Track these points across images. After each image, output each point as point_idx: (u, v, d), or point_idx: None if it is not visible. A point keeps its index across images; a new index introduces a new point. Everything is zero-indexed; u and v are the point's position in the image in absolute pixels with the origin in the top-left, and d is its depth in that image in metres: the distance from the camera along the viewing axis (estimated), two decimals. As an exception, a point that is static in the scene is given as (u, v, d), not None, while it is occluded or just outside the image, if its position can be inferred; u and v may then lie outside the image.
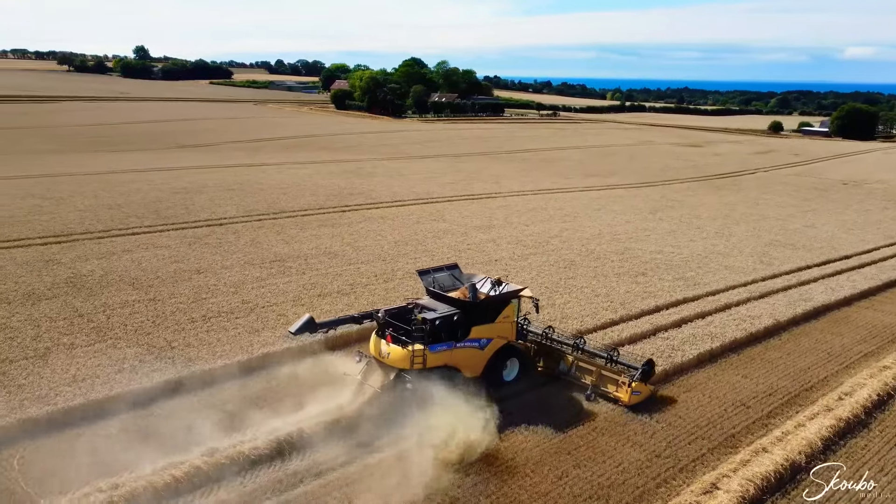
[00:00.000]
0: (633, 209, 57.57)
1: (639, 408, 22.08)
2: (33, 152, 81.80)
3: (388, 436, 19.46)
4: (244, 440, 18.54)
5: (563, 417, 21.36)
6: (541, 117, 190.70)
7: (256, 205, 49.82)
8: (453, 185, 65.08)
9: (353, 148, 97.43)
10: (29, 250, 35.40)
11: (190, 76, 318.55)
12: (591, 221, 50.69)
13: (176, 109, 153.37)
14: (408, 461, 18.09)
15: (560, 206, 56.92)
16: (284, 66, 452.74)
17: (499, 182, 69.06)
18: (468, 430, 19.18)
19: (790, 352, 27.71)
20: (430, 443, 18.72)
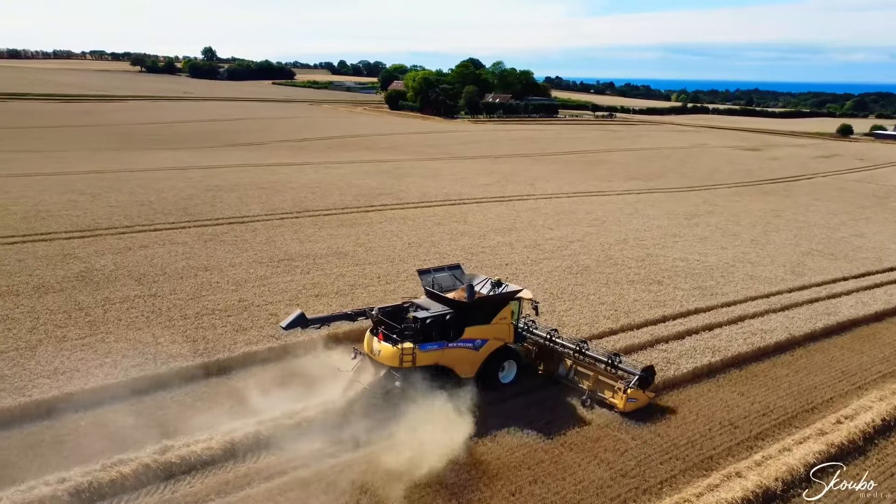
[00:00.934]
0: (668, 214, 55.72)
1: (615, 423, 21.12)
2: (90, 149, 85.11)
3: (349, 441, 19.25)
4: (199, 439, 18.55)
5: (537, 427, 20.59)
6: (595, 118, 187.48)
7: (282, 204, 50.38)
8: (486, 187, 64.41)
9: (397, 148, 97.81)
10: (52, 244, 36.65)
11: (254, 77, 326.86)
12: (619, 226, 49.24)
13: (233, 109, 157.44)
14: (355, 470, 17.79)
15: (591, 209, 55.56)
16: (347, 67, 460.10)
17: (534, 184, 68.00)
18: (434, 440, 18.85)
19: (799, 369, 26.08)
20: (391, 449, 18.54)
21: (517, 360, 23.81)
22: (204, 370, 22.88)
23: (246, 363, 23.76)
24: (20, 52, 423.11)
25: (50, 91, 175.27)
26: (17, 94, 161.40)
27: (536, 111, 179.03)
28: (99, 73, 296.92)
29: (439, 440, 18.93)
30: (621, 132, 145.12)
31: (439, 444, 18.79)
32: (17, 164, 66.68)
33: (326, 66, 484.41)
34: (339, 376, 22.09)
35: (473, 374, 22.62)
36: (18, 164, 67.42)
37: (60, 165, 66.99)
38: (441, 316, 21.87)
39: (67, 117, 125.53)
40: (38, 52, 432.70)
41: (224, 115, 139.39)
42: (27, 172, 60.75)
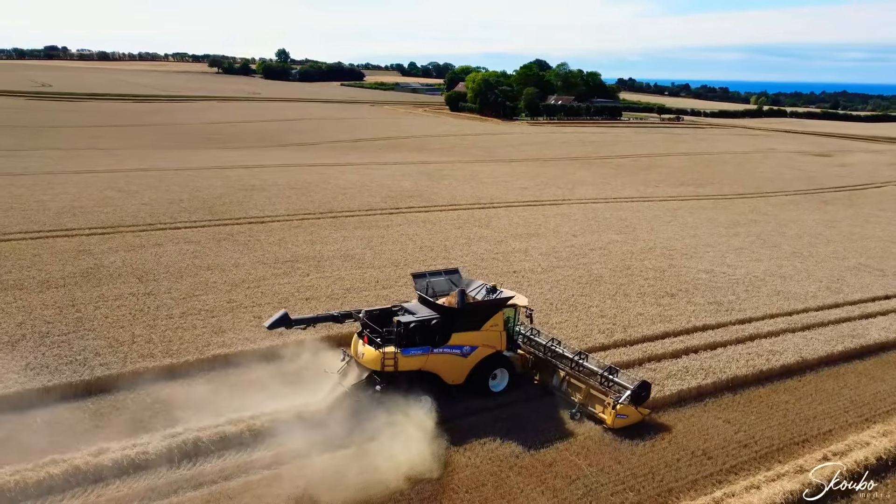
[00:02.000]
0: (709, 222, 53.10)
1: (576, 446, 19.84)
2: (147, 147, 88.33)
3: (299, 449, 18.74)
4: (139, 443, 18.43)
5: (494, 446, 19.60)
6: (661, 121, 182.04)
7: (309, 204, 50.62)
8: (523, 191, 63.09)
9: (446, 150, 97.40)
10: (72, 240, 37.80)
11: (324, 78, 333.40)
12: (649, 234, 47.15)
13: (295, 109, 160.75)
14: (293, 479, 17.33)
15: (626, 216, 53.52)
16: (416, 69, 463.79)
17: (574, 189, 66.18)
18: (389, 451, 18.45)
19: (803, 396, 24.00)
20: (340, 459, 18.28)
21: (510, 369, 23.08)
22: (168, 371, 22.85)
23: (215, 365, 23.61)
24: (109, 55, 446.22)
25: (127, 91, 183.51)
26: (96, 95, 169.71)
27: (599, 113, 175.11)
28: (178, 74, 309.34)
29: (394, 452, 18.44)
30: (684, 136, 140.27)
31: (391, 457, 18.28)
32: (73, 161, 69.74)
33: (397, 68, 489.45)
34: (325, 378, 21.94)
35: (462, 382, 22.13)
36: (75, 160, 70.51)
37: (113, 163, 69.66)
38: (426, 321, 21.44)
39: (137, 116, 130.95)
40: (125, 55, 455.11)
41: (285, 116, 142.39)
42: (79, 169, 63.36)
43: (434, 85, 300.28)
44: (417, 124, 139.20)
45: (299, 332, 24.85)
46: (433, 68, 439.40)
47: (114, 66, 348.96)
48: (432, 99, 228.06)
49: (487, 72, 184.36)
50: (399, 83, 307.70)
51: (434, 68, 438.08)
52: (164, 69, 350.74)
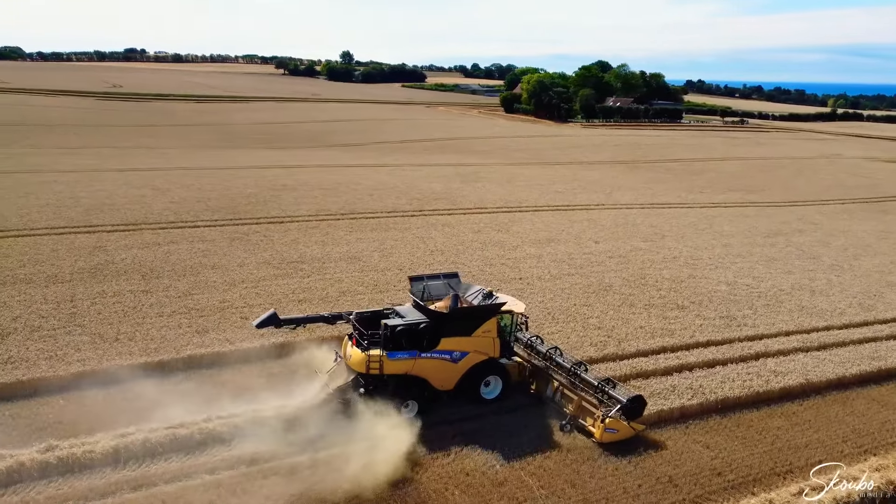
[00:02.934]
0: (747, 231, 50.63)
1: (534, 466, 18.87)
2: (196, 147, 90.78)
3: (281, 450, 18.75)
4: (88, 441, 18.52)
5: (448, 461, 18.96)
6: (724, 124, 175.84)
7: (333, 205, 50.77)
8: (556, 194, 61.71)
9: (490, 152, 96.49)
10: (92, 237, 38.89)
11: (386, 79, 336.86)
12: (678, 242, 45.23)
13: (349, 110, 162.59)
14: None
15: (659, 222, 51.57)
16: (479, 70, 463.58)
17: (612, 193, 64.32)
18: (352, 458, 18.16)
19: (800, 422, 22.29)
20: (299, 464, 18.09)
21: (503, 377, 22.54)
22: (143, 369, 22.97)
23: (191, 365, 23.67)
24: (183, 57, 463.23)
25: (190, 92, 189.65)
26: (162, 95, 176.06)
27: (658, 116, 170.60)
28: (245, 75, 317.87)
29: (347, 465, 18.06)
30: (745, 139, 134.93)
31: (338, 468, 17.94)
32: (121, 159, 72.20)
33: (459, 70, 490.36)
34: (310, 379, 21.97)
35: (452, 388, 21.82)
36: (124, 158, 72.99)
37: (159, 161, 71.81)
38: (414, 325, 21.21)
39: (195, 116, 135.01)
40: (197, 56, 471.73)
41: (337, 117, 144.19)
42: (124, 167, 65.48)
43: (494, 87, 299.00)
44: (467, 126, 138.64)
45: (284, 333, 25.02)
46: (496, 70, 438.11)
47: (185, 68, 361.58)
48: (490, 101, 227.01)
49: (543, 73, 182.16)
50: (459, 85, 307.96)
51: (497, 70, 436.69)
52: (233, 71, 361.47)
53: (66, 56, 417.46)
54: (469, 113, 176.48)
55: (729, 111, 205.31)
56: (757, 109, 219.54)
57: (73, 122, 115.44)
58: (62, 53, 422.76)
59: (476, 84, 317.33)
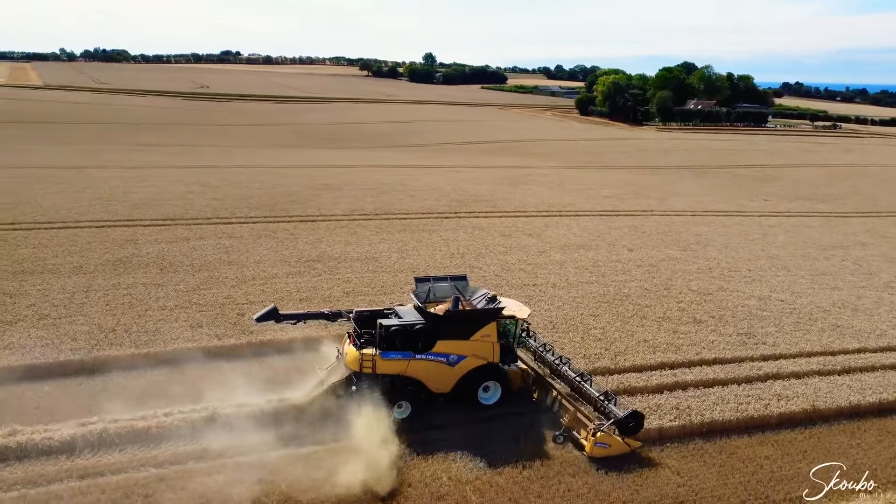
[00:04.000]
0: (803, 242, 47.53)
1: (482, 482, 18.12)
2: (264, 145, 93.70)
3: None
4: (51, 428, 19.11)
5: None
6: (814, 129, 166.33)
7: (369, 205, 51.06)
8: (604, 199, 59.91)
9: (551, 155, 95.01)
10: (128, 230, 40.54)
11: (467, 81, 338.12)
12: (718, 252, 42.88)
13: (421, 111, 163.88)
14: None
15: (706, 231, 49.13)
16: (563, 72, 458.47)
17: (665, 200, 61.87)
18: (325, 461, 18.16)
19: (794, 452, 20.47)
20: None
21: (503, 383, 22.14)
22: (129, 361, 23.62)
23: (175, 358, 24.03)
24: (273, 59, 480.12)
25: (272, 92, 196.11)
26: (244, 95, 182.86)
27: (741, 119, 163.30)
28: (329, 77, 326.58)
29: (293, 467, 18.05)
30: (832, 145, 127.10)
31: (275, 471, 17.90)
32: (186, 157, 75.36)
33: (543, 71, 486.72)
34: (313, 374, 22.22)
35: (448, 391, 21.65)
36: (189, 156, 76.16)
37: (220, 159, 74.50)
38: (409, 325, 21.20)
39: (271, 116, 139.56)
40: (287, 59, 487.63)
41: (408, 117, 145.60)
42: (183, 164, 68.37)
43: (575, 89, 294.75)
44: (535, 128, 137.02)
45: (273, 330, 25.21)
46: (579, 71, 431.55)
47: (273, 70, 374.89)
48: (567, 103, 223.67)
49: (620, 74, 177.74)
50: (538, 86, 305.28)
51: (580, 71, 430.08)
52: (319, 72, 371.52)
53: (166, 58, 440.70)
54: (541, 115, 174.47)
55: (822, 115, 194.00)
56: (857, 113, 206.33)
57: (155, 120, 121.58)
58: (162, 56, 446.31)
59: (557, 86, 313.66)
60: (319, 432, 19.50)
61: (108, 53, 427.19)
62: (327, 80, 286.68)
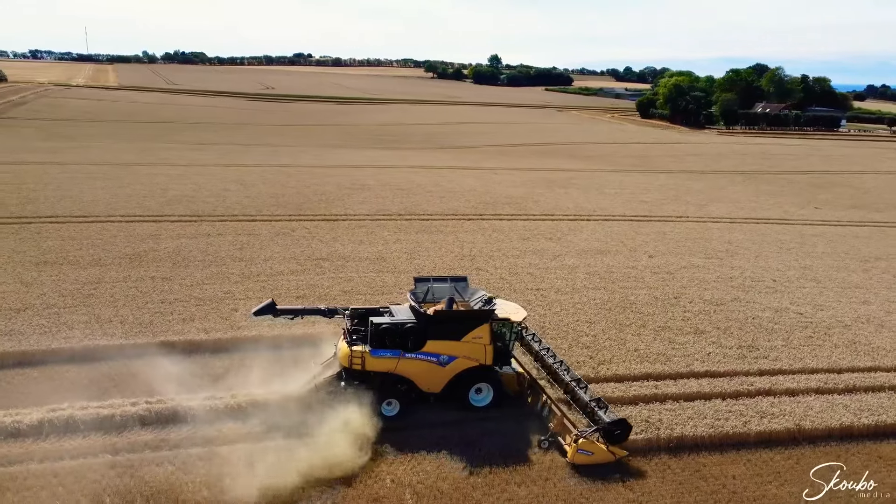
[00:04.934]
0: (844, 253, 45.05)
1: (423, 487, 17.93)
2: (314, 145, 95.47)
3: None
4: (22, 412, 19.99)
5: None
6: (892, 134, 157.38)
7: (396, 206, 51.37)
8: (641, 204, 58.41)
9: (597, 157, 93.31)
10: (153, 226, 42.06)
11: (531, 82, 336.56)
12: (745, 261, 41.13)
13: (477, 113, 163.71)
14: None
15: (739, 238, 47.24)
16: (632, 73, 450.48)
17: (706, 206, 59.81)
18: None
19: (767, 472, 19.43)
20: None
21: (496, 385, 22.02)
22: (117, 351, 24.46)
23: (162, 349, 24.74)
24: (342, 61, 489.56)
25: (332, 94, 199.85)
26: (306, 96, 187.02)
27: (811, 123, 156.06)
28: (394, 78, 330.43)
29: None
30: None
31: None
32: (234, 156, 77.56)
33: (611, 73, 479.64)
34: (309, 368, 22.71)
35: (439, 391, 21.73)
36: (239, 155, 78.36)
37: (266, 158, 76.35)
38: (399, 324, 21.41)
39: (326, 116, 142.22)
40: (355, 61, 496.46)
41: (462, 119, 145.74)
42: (229, 163, 70.37)
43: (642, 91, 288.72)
44: (591, 130, 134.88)
45: (256, 325, 25.72)
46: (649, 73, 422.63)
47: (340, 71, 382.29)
48: (630, 105, 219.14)
49: (682, 76, 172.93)
50: (603, 88, 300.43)
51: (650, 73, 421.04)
52: (385, 74, 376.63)
53: (239, 60, 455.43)
54: (600, 118, 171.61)
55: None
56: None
57: (217, 120, 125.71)
58: (236, 58, 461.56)
59: (622, 88, 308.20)
60: (297, 425, 19.81)
61: (185, 56, 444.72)
62: (391, 82, 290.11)
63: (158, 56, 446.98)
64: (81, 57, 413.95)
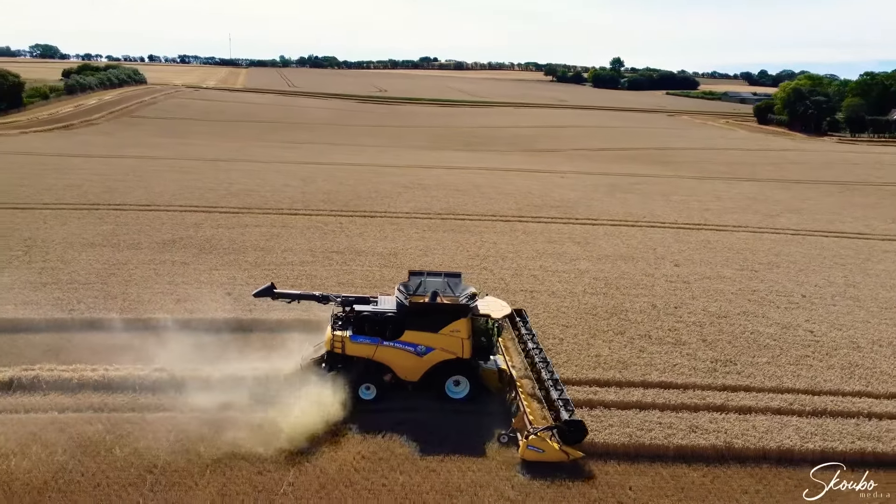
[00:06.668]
0: (909, 271, 41.23)
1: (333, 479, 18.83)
2: (401, 146, 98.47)
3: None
4: (3, 370, 22.86)
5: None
6: None
7: (438, 205, 52.31)
8: (701, 213, 55.91)
9: (686, 164, 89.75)
10: (202, 216, 45.37)
11: (653, 86, 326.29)
12: (784, 275, 38.60)
13: (576, 117, 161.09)
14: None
15: (792, 251, 44.31)
16: (766, 77, 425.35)
17: (775, 216, 56.29)
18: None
19: (668, 487, 18.69)
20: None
21: (472, 380, 22.74)
22: (108, 324, 27.05)
23: (149, 325, 27.09)
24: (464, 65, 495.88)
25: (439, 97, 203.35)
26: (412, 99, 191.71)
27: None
28: (510, 82, 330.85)
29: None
30: None
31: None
32: (318, 154, 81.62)
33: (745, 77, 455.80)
34: (308, 350, 24.16)
35: (417, 380, 22.70)
36: (321, 153, 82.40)
37: (346, 157, 79.83)
38: (380, 313, 22.62)
39: (428, 118, 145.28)
40: (477, 64, 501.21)
41: (559, 122, 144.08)
42: (307, 160, 74.18)
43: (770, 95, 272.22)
44: (693, 136, 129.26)
45: (241, 308, 27.69)
46: (786, 76, 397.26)
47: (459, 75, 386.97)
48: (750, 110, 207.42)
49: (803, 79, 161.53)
50: (728, 93, 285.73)
51: (787, 76, 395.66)
52: (503, 78, 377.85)
53: (366, 64, 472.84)
54: (712, 122, 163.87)
55: None
56: None
57: (321, 121, 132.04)
58: (363, 62, 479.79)
59: (749, 92, 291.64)
60: (268, 400, 21.28)
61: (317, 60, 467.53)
62: (505, 85, 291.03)
63: (294, 60, 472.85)
64: (223, 61, 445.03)
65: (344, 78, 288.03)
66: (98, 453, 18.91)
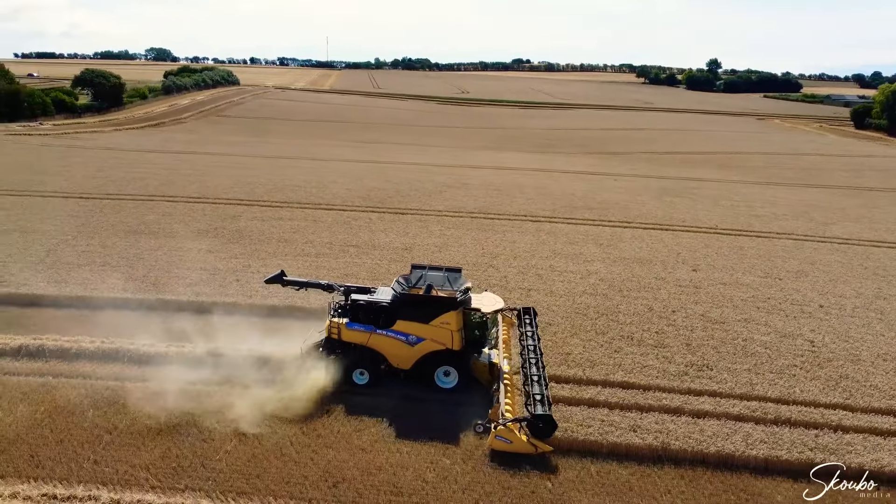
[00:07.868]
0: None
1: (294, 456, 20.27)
2: (463, 147, 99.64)
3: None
4: (13, 336, 25.64)
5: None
6: None
7: (473, 204, 53.07)
8: (748, 218, 54.02)
9: (753, 169, 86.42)
10: (240, 208, 48.13)
11: (751, 89, 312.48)
12: (809, 284, 37.04)
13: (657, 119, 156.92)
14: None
15: (829, 259, 42.32)
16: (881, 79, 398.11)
17: (832, 224, 53.65)
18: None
19: (593, 484, 18.88)
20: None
21: (460, 371, 23.62)
22: (109, 301, 29.50)
23: (155, 305, 29.51)
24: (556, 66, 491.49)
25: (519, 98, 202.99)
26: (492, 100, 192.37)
27: None
28: (599, 84, 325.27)
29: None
30: None
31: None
32: (381, 153, 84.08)
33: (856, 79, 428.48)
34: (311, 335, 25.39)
35: (409, 368, 23.71)
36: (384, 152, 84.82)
37: (408, 156, 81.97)
38: (375, 303, 23.87)
39: (502, 120, 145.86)
40: (569, 66, 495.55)
41: (637, 125, 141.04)
42: (367, 158, 76.61)
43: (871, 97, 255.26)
44: (771, 140, 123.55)
45: (244, 294, 29.78)
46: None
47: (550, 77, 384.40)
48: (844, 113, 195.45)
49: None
50: (831, 95, 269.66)
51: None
52: (595, 80, 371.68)
53: (456, 66, 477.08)
54: (803, 127, 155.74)
55: None
56: None
57: (392, 121, 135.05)
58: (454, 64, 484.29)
59: (856, 95, 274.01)
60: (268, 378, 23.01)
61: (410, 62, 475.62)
62: (593, 87, 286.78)
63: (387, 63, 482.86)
64: (319, 63, 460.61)
65: (430, 80, 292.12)
66: (73, 414, 21.08)
